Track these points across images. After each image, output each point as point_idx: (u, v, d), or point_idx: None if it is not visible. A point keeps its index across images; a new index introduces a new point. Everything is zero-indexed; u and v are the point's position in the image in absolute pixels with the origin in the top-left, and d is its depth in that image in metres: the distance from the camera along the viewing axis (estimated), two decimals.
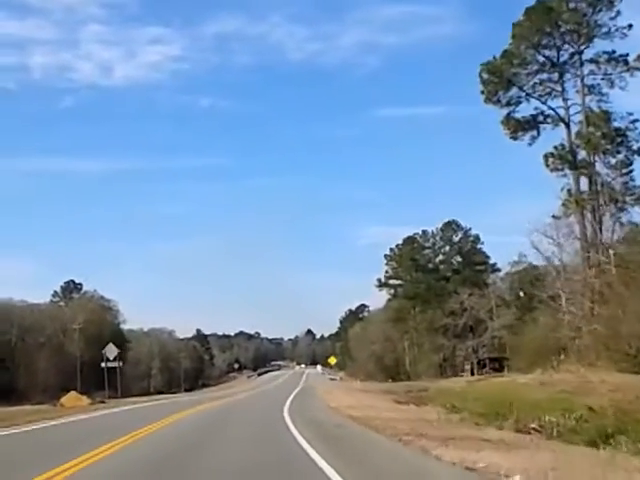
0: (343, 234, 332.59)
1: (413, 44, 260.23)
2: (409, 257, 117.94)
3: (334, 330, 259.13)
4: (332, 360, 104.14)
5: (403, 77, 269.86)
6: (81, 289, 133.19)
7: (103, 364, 59.56)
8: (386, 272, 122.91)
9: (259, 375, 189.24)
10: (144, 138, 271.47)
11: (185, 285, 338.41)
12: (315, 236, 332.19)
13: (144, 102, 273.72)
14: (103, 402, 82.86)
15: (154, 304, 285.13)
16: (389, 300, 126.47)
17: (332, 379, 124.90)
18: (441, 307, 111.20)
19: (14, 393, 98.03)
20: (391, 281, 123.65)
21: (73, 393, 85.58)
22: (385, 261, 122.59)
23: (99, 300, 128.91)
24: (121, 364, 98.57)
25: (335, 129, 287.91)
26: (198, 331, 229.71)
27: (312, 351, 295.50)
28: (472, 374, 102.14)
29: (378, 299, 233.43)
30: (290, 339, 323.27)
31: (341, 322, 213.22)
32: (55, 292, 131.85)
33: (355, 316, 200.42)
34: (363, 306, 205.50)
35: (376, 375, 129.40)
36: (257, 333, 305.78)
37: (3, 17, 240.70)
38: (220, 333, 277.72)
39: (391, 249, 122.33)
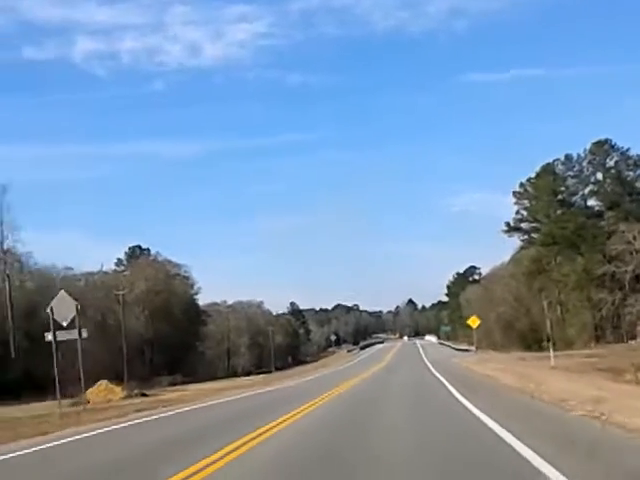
0: (438, 203, 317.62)
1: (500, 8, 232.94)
2: (548, 190, 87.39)
3: (436, 300, 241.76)
4: (474, 322, 74.14)
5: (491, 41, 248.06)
6: (149, 255, 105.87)
7: (50, 336, 29.12)
8: (516, 213, 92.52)
9: (362, 349, 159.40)
10: (235, 117, 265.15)
11: (279, 261, 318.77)
12: (409, 206, 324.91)
13: (233, 81, 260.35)
14: (144, 395, 55.99)
15: (246, 281, 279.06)
16: (521, 249, 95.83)
17: (462, 350, 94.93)
18: (596, 252, 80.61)
19: (49, 383, 71.87)
20: (523, 224, 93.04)
21: (103, 383, 58.70)
22: (514, 199, 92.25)
23: (165, 264, 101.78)
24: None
25: (426, 96, 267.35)
26: (292, 304, 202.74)
27: (415, 322, 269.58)
28: None
29: (491, 259, 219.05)
30: (390, 311, 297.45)
31: (448, 287, 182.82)
32: (118, 260, 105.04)
33: (465, 279, 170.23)
34: (473, 268, 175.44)
35: (506, 344, 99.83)
36: (355, 305, 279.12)
37: (94, 4, 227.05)
38: (317, 308, 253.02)
39: (521, 183, 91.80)
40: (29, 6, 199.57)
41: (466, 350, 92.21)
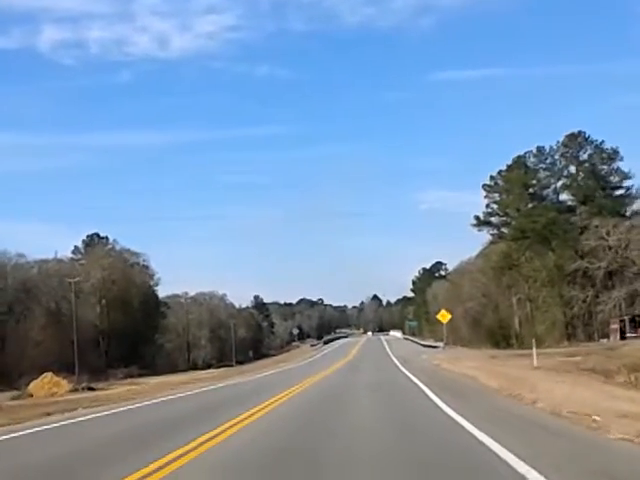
0: (404, 200, 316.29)
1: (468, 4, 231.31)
2: (519, 183, 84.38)
3: (401, 295, 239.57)
4: (444, 317, 70.54)
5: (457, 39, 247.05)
6: (107, 244, 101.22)
7: None
8: (486, 206, 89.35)
9: (325, 343, 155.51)
10: (204, 109, 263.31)
11: (244, 254, 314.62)
12: (376, 202, 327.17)
13: (202, 73, 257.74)
14: (91, 389, 52.16)
15: (210, 274, 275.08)
16: (490, 244, 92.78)
17: (429, 346, 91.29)
18: (568, 247, 77.81)
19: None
20: (493, 218, 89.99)
21: (48, 375, 54.54)
22: (484, 193, 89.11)
23: (123, 253, 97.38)
24: None
25: (391, 93, 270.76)
26: (256, 298, 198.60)
27: (379, 317, 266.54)
28: (622, 336, 69.55)
29: (457, 256, 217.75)
30: (355, 306, 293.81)
31: (414, 283, 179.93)
32: (75, 247, 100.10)
33: (431, 275, 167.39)
34: (439, 264, 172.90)
35: (473, 341, 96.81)
36: (320, 300, 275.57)
37: None
38: (282, 302, 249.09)
39: (492, 176, 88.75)
40: None
41: (433, 347, 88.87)
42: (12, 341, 73.24)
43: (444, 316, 68.71)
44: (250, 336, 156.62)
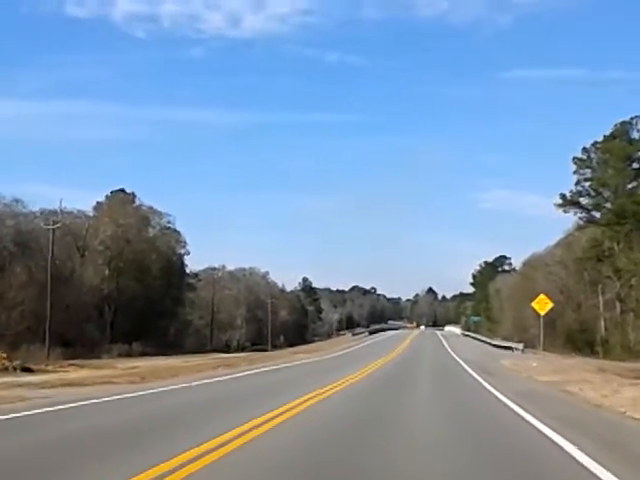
0: (466, 195, 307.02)
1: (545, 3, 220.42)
2: (621, 156, 66.10)
3: (457, 291, 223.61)
4: (542, 304, 50.48)
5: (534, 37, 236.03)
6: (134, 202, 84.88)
7: None
8: (576, 184, 71.26)
9: (371, 333, 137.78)
10: (270, 91, 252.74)
11: (298, 239, 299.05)
12: (438, 195, 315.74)
13: (271, 54, 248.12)
14: (28, 370, 36.05)
15: (260, 255, 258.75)
16: (578, 229, 74.71)
17: (501, 347, 72.66)
18: None
19: None
20: (583, 199, 71.85)
21: None
22: (574, 167, 70.99)
23: (142, 210, 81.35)
24: None
25: (461, 89, 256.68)
26: (304, 280, 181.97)
27: (433, 312, 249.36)
28: None
29: (520, 253, 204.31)
30: (409, 299, 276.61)
31: (474, 277, 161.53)
32: (98, 203, 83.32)
33: (493, 269, 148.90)
34: (503, 257, 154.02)
35: (545, 344, 78.90)
36: (373, 289, 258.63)
37: None
38: (333, 288, 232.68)
39: (585, 148, 70.65)
40: None
41: (506, 348, 70.90)
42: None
43: (543, 304, 48.83)
44: (293, 320, 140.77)
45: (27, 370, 35.62)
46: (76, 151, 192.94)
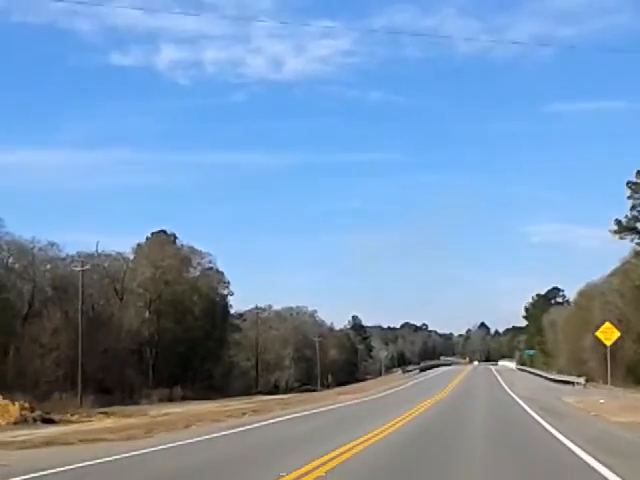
0: (514, 232, 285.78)
1: (588, 35, 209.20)
2: None
3: (510, 325, 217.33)
4: (608, 334, 45.61)
5: (577, 70, 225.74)
6: (174, 243, 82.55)
7: None
8: (631, 209, 67.27)
9: (422, 370, 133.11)
10: (316, 132, 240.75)
11: (346, 278, 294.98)
12: (484, 233, 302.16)
13: (314, 96, 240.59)
14: (49, 421, 33.65)
15: (307, 297, 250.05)
16: (636, 256, 70.41)
17: (560, 382, 68.04)
18: None
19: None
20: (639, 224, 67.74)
21: None
22: (628, 192, 67.13)
23: (183, 250, 79.10)
24: None
25: (505, 124, 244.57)
26: (354, 318, 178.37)
27: (486, 347, 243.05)
28: None
29: (573, 284, 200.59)
30: (461, 334, 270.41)
31: (526, 309, 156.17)
32: (138, 245, 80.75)
33: (546, 301, 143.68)
34: (556, 290, 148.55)
35: (604, 377, 74.34)
36: (424, 325, 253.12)
37: (178, 13, 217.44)
38: (384, 326, 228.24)
39: (639, 171, 66.65)
40: (115, 13, 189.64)
41: (567, 382, 66.54)
42: (25, 344, 55.82)
43: (609, 333, 44.29)
44: (343, 358, 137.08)
45: (48, 421, 33.00)
46: (120, 198, 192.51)
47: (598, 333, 43.97)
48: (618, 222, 68.00)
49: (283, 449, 15.95)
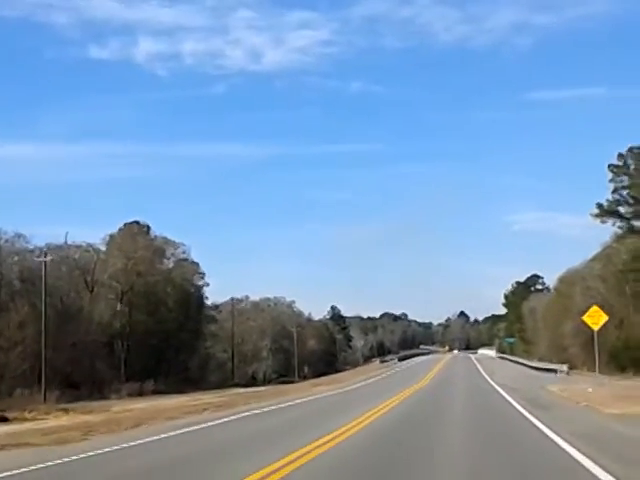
0: (495, 220, 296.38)
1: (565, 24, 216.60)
2: None
3: (489, 313, 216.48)
4: (596, 318, 42.78)
5: (556, 58, 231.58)
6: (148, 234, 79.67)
7: None
8: (613, 191, 65.58)
9: (400, 360, 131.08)
10: (295, 124, 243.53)
11: (325, 268, 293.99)
12: (466, 222, 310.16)
13: (293, 87, 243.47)
14: (3, 419, 31.31)
15: (287, 287, 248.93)
16: (616, 242, 68.77)
17: (543, 370, 66.02)
18: None
19: None
20: (621, 207, 66.04)
21: None
22: (610, 175, 65.38)
23: (155, 241, 76.53)
24: None
25: (486, 113, 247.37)
26: (333, 309, 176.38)
27: (466, 335, 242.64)
28: None
29: (553, 272, 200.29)
30: (440, 323, 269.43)
31: (506, 297, 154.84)
32: (110, 237, 77.64)
33: (526, 288, 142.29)
34: (536, 277, 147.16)
35: (586, 363, 72.70)
36: (404, 315, 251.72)
37: (155, 5, 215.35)
38: (364, 316, 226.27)
39: (621, 154, 65.12)
40: (92, 5, 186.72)
41: (549, 370, 64.81)
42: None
43: (596, 317, 41.84)
44: (322, 349, 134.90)
45: (0, 419, 30.63)
46: (96, 191, 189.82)
47: (585, 317, 41.93)
48: (599, 206, 66.36)
49: (229, 454, 13.68)
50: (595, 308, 41.59)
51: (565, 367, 60.64)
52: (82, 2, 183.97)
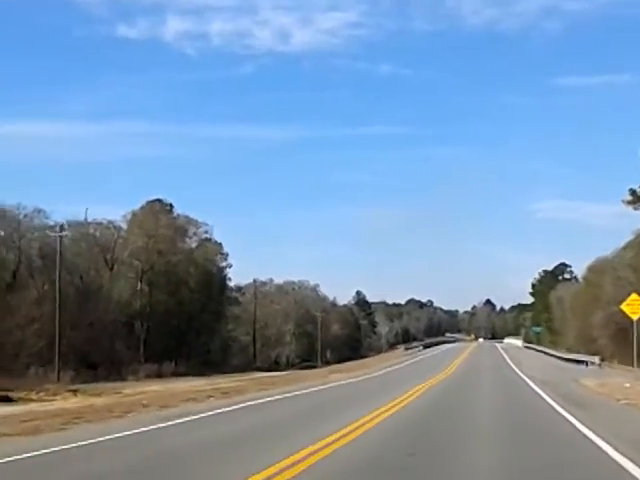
0: (519, 207, 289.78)
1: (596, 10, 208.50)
2: None
3: (515, 302, 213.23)
4: (636, 305, 40.37)
5: (585, 43, 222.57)
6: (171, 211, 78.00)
7: None
8: None
9: (425, 347, 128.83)
10: (324, 106, 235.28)
11: (349, 254, 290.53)
12: (491, 208, 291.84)
13: (322, 69, 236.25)
14: (7, 399, 30.03)
15: (311, 270, 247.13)
16: None
17: (573, 361, 63.47)
18: None
19: None
20: None
21: None
22: None
23: (177, 219, 74.95)
24: None
25: (513, 97, 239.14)
26: (358, 294, 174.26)
27: (492, 324, 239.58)
28: None
29: (582, 260, 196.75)
30: (466, 311, 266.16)
31: (533, 286, 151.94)
32: (132, 214, 76.25)
33: (554, 277, 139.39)
34: (564, 265, 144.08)
35: (616, 356, 70.22)
36: (430, 302, 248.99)
37: None
38: (389, 302, 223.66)
39: None
40: None
41: (579, 362, 62.43)
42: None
43: (636, 305, 39.17)
44: (346, 334, 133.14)
45: (4, 399, 29.18)
46: (120, 170, 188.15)
47: (624, 306, 39.65)
48: (632, 192, 63.61)
49: (210, 454, 11.71)
50: (635, 296, 39.33)
51: (597, 359, 58.34)
52: None
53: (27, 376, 44.51)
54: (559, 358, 75.49)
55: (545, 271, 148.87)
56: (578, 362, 62.55)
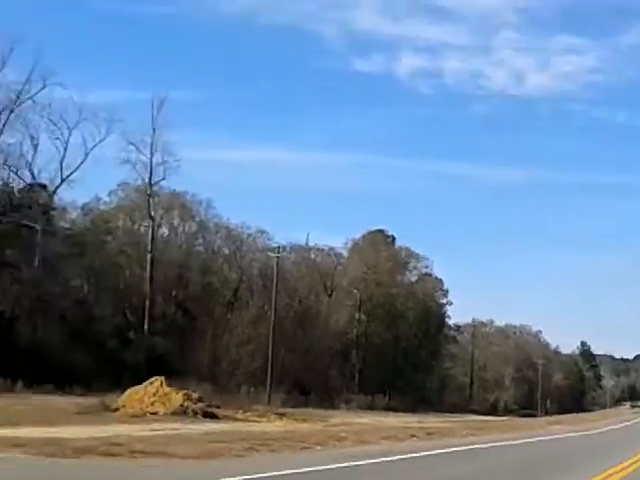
0: None
1: None
2: None
3: None
4: None
5: None
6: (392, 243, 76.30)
7: None
8: None
9: None
10: (554, 150, 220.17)
11: (578, 300, 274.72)
12: None
13: (556, 113, 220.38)
14: (210, 416, 29.35)
15: (534, 315, 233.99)
16: None
17: None
18: None
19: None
20: None
21: (157, 381, 31.92)
22: None
23: (399, 251, 73.02)
24: None
25: None
26: (583, 344, 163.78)
27: None
28: None
29: None
30: None
31: None
32: (353, 242, 74.92)
33: None
34: None
35: None
36: None
37: (421, 21, 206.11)
38: (616, 356, 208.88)
39: None
40: (358, 19, 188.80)
41: None
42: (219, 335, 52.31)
43: None
44: (568, 385, 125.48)
45: (210, 416, 28.30)
46: (347, 202, 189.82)
47: None
48: None
49: None
50: None
51: None
52: (349, 15, 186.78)
53: (238, 395, 44.18)
54: None
55: None
56: None
